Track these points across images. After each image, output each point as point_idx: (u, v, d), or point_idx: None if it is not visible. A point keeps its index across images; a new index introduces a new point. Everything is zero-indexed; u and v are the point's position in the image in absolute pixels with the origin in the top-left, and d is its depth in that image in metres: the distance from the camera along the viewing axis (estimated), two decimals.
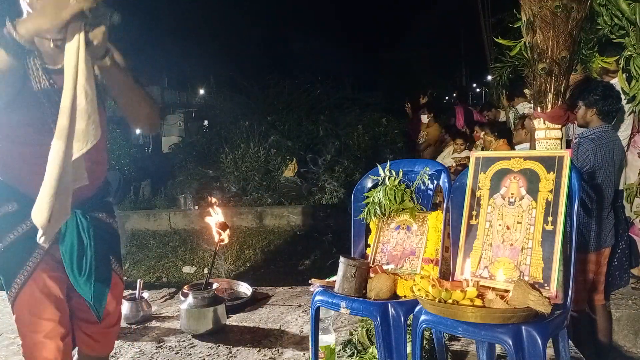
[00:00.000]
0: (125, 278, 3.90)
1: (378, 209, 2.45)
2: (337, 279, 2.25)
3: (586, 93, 3.13)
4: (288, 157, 9.72)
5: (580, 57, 3.32)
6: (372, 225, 2.53)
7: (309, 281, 2.46)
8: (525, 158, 2.07)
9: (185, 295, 3.37)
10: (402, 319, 2.10)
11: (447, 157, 6.14)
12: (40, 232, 1.43)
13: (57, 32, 1.44)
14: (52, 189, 1.39)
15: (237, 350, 2.99)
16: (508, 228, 2.04)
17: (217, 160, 9.75)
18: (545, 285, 1.88)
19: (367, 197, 2.52)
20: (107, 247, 1.78)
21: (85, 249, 1.69)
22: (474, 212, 2.13)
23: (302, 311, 3.54)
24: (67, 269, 1.68)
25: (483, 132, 5.45)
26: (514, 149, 4.29)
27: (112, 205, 1.88)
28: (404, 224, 2.44)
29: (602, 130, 3.08)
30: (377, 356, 2.26)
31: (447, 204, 2.23)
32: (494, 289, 1.89)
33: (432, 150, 7.13)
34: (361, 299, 2.17)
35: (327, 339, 2.49)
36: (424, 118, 7.22)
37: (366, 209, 2.50)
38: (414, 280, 2.01)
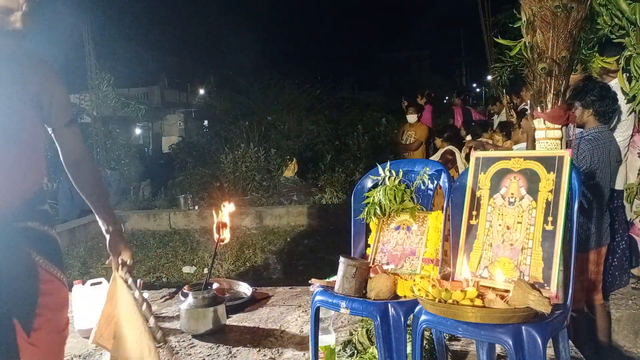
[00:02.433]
0: None
1: (378, 209, 2.44)
2: (337, 279, 2.25)
3: (583, 94, 3.14)
4: (288, 157, 9.73)
5: (580, 57, 3.32)
6: (372, 225, 2.53)
7: (309, 281, 2.46)
8: (525, 158, 2.07)
9: (185, 295, 3.37)
10: (402, 319, 2.10)
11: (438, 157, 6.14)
12: None
13: None
14: None
15: (237, 350, 2.98)
16: (508, 228, 2.04)
17: (217, 160, 9.76)
18: (545, 285, 1.88)
19: (367, 197, 2.52)
20: (40, 254, 1.66)
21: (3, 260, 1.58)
22: (474, 212, 2.13)
23: (302, 311, 3.54)
24: None
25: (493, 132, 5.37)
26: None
27: (47, 212, 1.77)
28: (404, 224, 2.44)
29: (599, 131, 3.09)
30: (377, 356, 2.26)
31: (447, 204, 2.23)
32: (494, 289, 1.89)
33: (424, 149, 7.14)
34: (361, 299, 2.17)
35: (327, 339, 2.49)
36: (412, 118, 7.22)
37: (366, 209, 2.50)
38: (414, 280, 2.01)
